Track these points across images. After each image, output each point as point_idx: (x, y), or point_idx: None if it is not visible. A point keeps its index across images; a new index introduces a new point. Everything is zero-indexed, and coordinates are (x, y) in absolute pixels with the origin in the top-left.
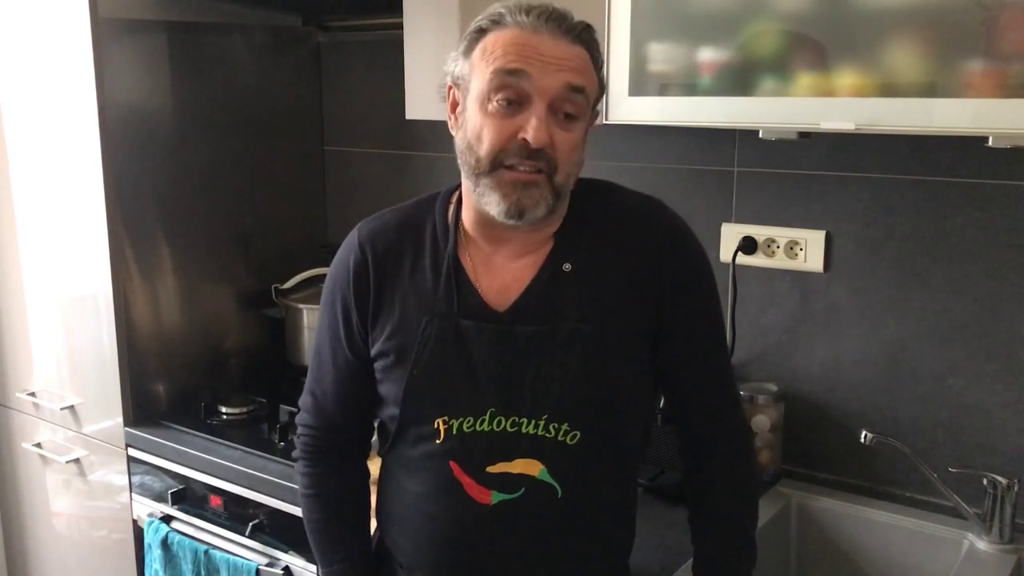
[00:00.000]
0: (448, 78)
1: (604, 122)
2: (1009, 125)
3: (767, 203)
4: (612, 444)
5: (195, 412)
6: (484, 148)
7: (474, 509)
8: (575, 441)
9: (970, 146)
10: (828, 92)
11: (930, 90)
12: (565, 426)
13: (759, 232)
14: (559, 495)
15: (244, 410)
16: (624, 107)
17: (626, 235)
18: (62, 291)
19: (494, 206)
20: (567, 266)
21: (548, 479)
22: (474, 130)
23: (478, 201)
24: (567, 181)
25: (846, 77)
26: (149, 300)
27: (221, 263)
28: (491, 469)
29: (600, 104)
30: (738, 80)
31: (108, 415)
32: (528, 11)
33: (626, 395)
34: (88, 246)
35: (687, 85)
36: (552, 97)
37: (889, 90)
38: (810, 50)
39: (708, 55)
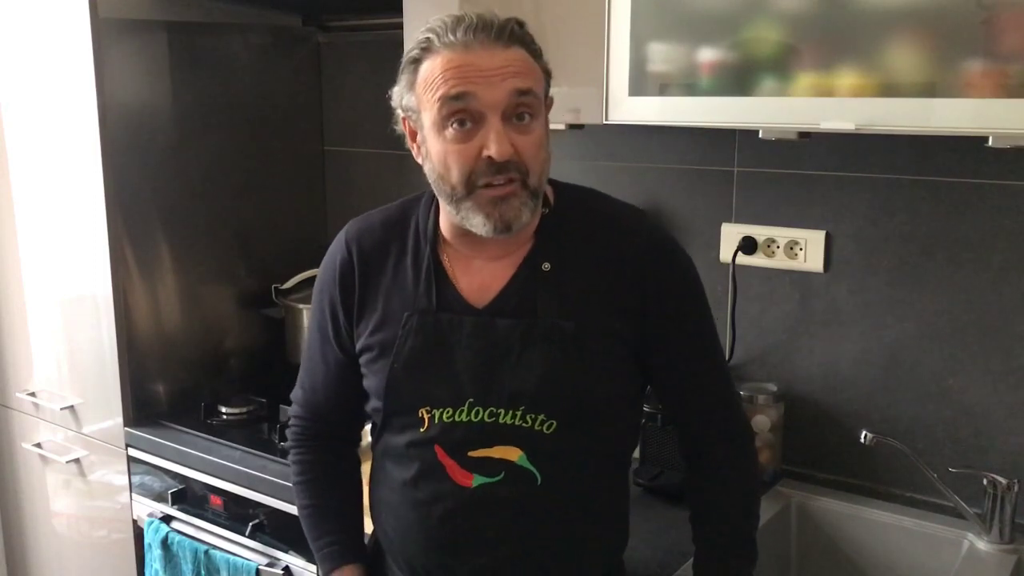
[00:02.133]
0: (399, 111)
1: (604, 122)
2: (1009, 125)
3: (767, 203)
4: (591, 436)
5: (195, 412)
6: (455, 175)
7: (457, 492)
8: (552, 430)
9: (970, 146)
10: (828, 92)
11: (930, 90)
12: (541, 416)
13: (759, 232)
14: (538, 482)
15: (244, 410)
16: (624, 107)
17: (605, 243)
18: (62, 291)
19: (480, 227)
20: (546, 265)
21: (527, 465)
22: (440, 159)
23: (462, 223)
24: (540, 181)
25: (846, 77)
26: (149, 300)
27: (221, 263)
28: (472, 454)
29: (552, 90)
30: (738, 80)
31: (108, 415)
32: (455, 29)
33: (603, 391)
34: (88, 246)
35: (687, 85)
36: (503, 108)
37: (889, 90)
38: (810, 50)
39: (708, 55)
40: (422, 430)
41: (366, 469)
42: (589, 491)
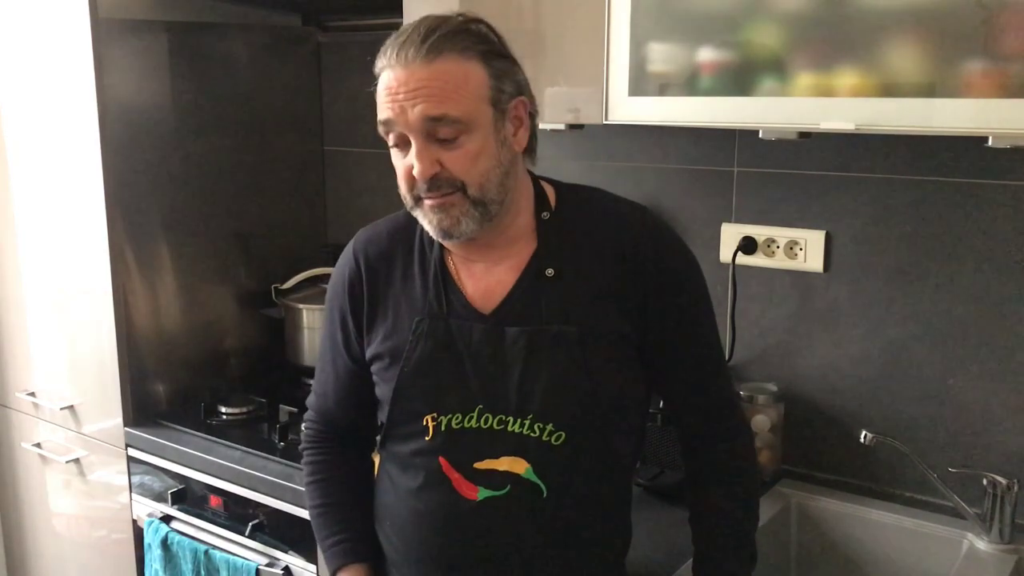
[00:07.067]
0: None
1: (604, 122)
2: (1009, 125)
3: (767, 203)
4: (599, 446)
5: (195, 412)
6: (402, 188)
7: (461, 504)
8: (560, 442)
9: (970, 146)
10: (828, 92)
11: (930, 90)
12: (550, 426)
13: (759, 232)
14: (544, 495)
15: (244, 410)
16: (624, 107)
17: (608, 241)
18: (62, 291)
19: (431, 231)
20: (549, 271)
21: (533, 478)
22: (396, 170)
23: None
24: (484, 192)
25: (846, 77)
26: (149, 300)
27: (221, 263)
28: (478, 465)
29: (522, 92)
30: (738, 80)
31: (108, 415)
32: (392, 45)
33: (612, 397)
34: (88, 246)
35: (687, 85)
36: (421, 130)
37: (889, 90)
38: (810, 50)
39: (708, 55)
40: (427, 439)
41: None
42: (594, 502)
